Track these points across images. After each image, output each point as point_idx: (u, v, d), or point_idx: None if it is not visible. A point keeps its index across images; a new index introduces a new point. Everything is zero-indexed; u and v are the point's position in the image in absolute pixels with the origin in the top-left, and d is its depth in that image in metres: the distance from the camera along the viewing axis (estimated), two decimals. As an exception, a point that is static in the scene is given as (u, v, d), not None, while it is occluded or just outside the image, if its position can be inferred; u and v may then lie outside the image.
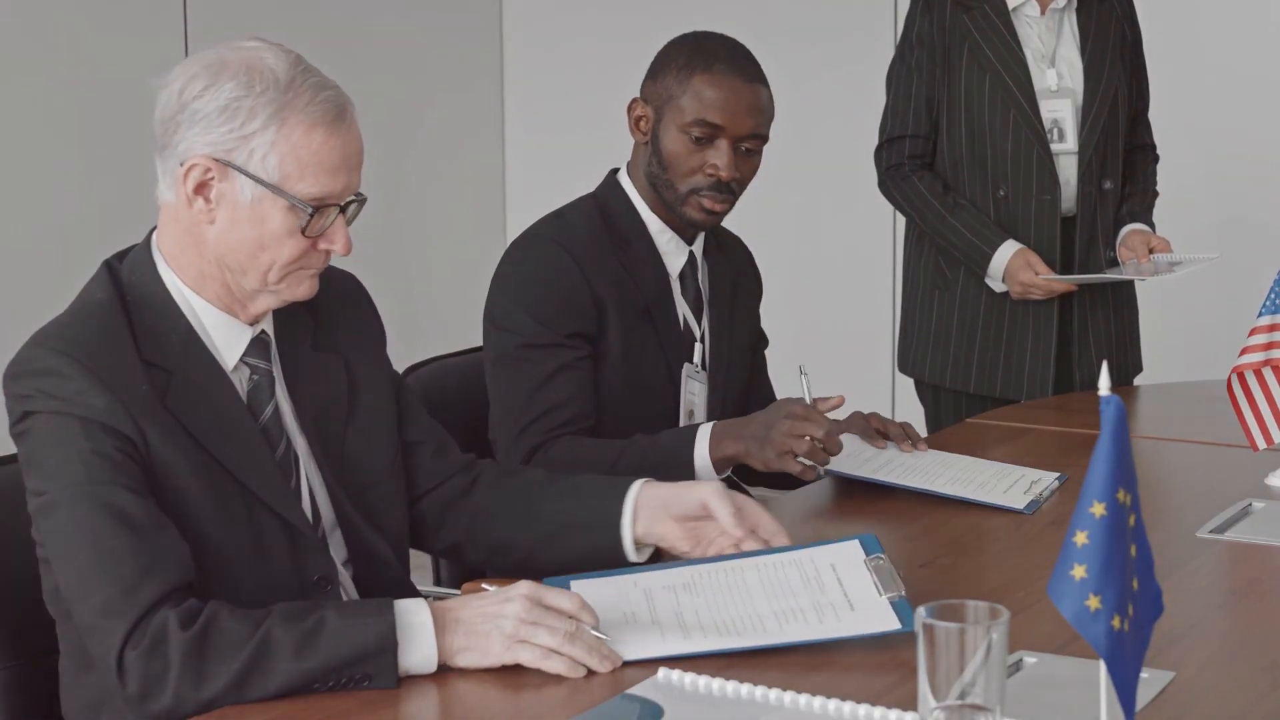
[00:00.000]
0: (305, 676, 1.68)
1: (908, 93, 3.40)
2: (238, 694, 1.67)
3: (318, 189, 1.82)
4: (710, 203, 2.51)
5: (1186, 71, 4.61)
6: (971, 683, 1.44)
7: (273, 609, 1.72)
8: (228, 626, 1.69)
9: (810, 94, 5.28)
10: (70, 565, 1.74)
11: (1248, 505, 2.39)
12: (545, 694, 1.71)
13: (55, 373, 1.77)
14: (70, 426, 1.75)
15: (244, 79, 1.80)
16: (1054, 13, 3.38)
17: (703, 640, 1.78)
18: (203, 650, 1.67)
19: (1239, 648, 1.86)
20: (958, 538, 2.28)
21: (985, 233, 3.32)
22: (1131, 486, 1.36)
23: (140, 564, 1.71)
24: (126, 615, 1.69)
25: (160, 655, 1.67)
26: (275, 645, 1.67)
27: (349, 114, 1.85)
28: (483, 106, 5.73)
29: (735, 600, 1.89)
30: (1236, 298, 4.36)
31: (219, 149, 1.80)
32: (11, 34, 4.33)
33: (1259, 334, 2.51)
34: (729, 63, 2.50)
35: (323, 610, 1.71)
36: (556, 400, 2.46)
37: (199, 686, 1.67)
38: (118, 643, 1.69)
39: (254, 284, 1.86)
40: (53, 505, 1.75)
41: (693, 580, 1.95)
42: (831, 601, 1.87)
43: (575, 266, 2.49)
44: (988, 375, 3.40)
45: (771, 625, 1.82)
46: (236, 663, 1.67)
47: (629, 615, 1.86)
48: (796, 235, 5.25)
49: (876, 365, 5.15)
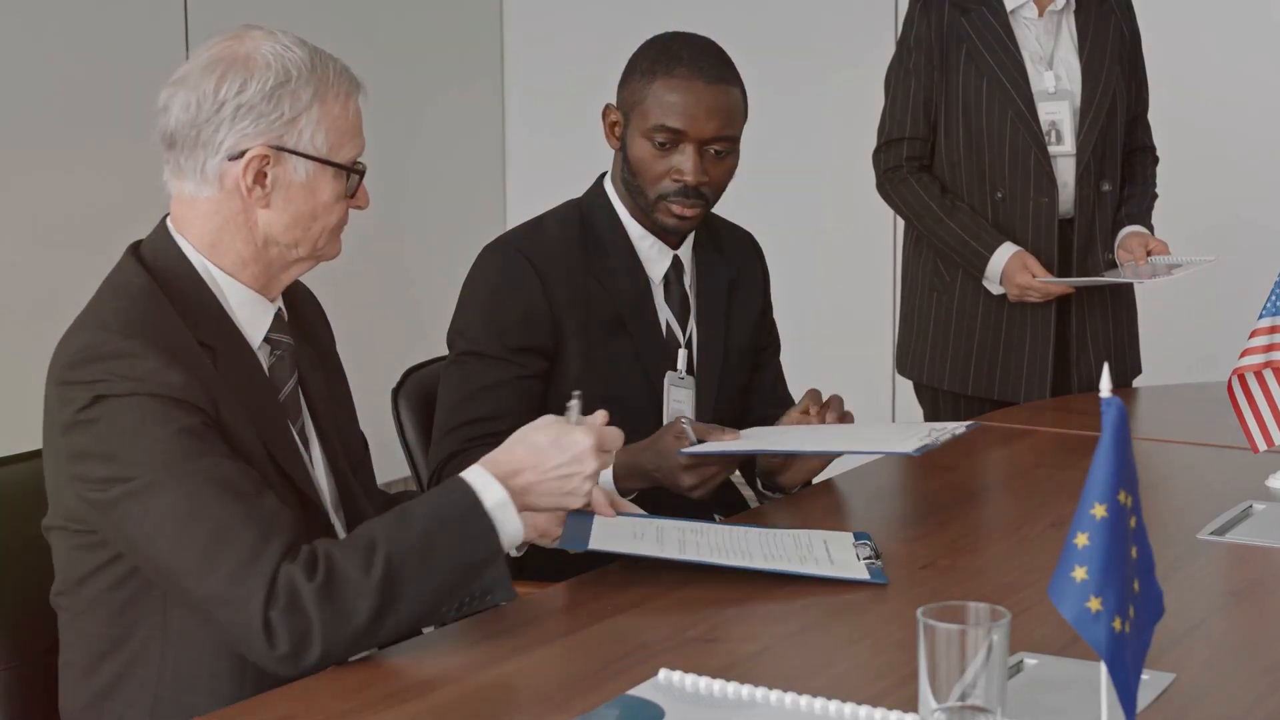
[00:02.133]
0: (434, 598, 1.79)
1: (906, 95, 3.41)
2: (377, 630, 1.76)
3: (354, 150, 1.95)
4: (680, 208, 2.49)
5: (1186, 72, 4.61)
6: (972, 684, 1.44)
7: (373, 534, 1.78)
8: (345, 566, 1.75)
9: (810, 95, 5.29)
10: (186, 542, 1.75)
11: (1248, 507, 2.38)
12: (545, 694, 1.71)
13: (128, 354, 1.78)
14: (151, 408, 1.77)
15: (277, 68, 1.88)
16: (1052, 15, 3.38)
17: (695, 554, 2.05)
18: (332, 594, 1.73)
19: (1240, 649, 1.86)
20: (958, 539, 2.28)
21: (983, 235, 3.32)
22: (1132, 488, 1.36)
23: (258, 529, 1.75)
24: (259, 579, 1.73)
25: (299, 611, 1.72)
26: (397, 571, 1.75)
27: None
28: (483, 106, 5.74)
29: (733, 541, 2.13)
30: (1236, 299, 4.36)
31: (270, 136, 1.88)
32: (11, 34, 4.33)
33: (1259, 336, 2.51)
34: (691, 64, 2.46)
35: (420, 523, 1.79)
36: (485, 412, 2.45)
37: (342, 631, 1.73)
38: (259, 608, 1.72)
39: (304, 252, 1.95)
40: (151, 487, 1.76)
41: (701, 528, 2.18)
42: (816, 557, 2.10)
43: (536, 279, 2.47)
44: (986, 377, 3.40)
45: (759, 559, 2.07)
46: (369, 598, 1.74)
47: (637, 532, 2.10)
48: (797, 237, 5.24)
49: (876, 367, 5.16)
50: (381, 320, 4.98)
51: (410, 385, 2.72)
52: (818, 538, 2.19)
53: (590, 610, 1.98)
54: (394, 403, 2.72)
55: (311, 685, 1.73)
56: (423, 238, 5.39)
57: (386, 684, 1.72)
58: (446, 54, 5.57)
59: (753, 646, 1.83)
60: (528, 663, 1.81)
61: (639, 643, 1.85)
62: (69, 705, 1.91)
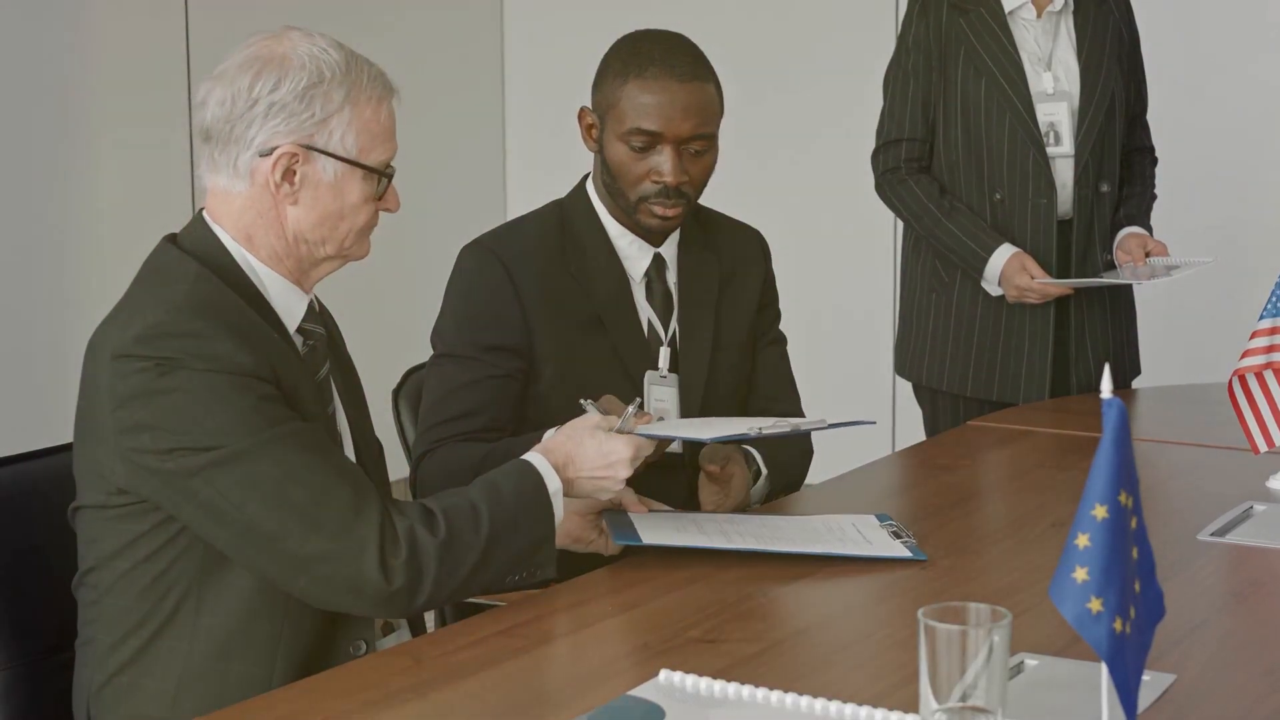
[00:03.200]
0: (507, 567, 1.94)
1: (904, 96, 3.40)
2: (470, 584, 1.91)
3: (385, 154, 1.98)
4: (661, 209, 2.47)
5: (1185, 72, 4.61)
6: (973, 685, 1.44)
7: (474, 499, 1.93)
8: (459, 524, 1.89)
9: (811, 96, 5.29)
10: (282, 505, 1.81)
11: (1249, 508, 2.39)
12: (546, 694, 1.71)
13: (199, 335, 1.83)
14: (225, 384, 1.82)
15: (311, 69, 1.92)
16: (1050, 16, 3.38)
17: (741, 542, 2.16)
18: (450, 549, 1.87)
19: (1240, 650, 1.86)
20: (958, 539, 2.28)
21: (981, 236, 3.32)
22: (1133, 489, 1.36)
23: (351, 486, 1.85)
24: (368, 529, 1.82)
25: (418, 560, 1.84)
26: (495, 536, 1.91)
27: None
28: (483, 106, 5.74)
29: (770, 529, 2.26)
30: (1236, 300, 4.37)
31: (301, 134, 1.92)
32: (12, 34, 4.33)
33: (1260, 337, 2.51)
34: (663, 64, 2.44)
35: (507, 496, 1.95)
36: (461, 410, 2.46)
37: (448, 583, 1.87)
38: (374, 555, 1.82)
39: (331, 251, 1.99)
40: (238, 456, 1.81)
41: (735, 519, 2.31)
42: (852, 539, 2.22)
43: (508, 280, 2.47)
44: (985, 378, 3.39)
45: (800, 541, 2.19)
46: (473, 553, 1.89)
47: (679, 526, 2.22)
48: (797, 237, 5.23)
49: (876, 368, 5.15)
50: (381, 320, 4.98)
51: (410, 385, 2.72)
52: (845, 521, 2.30)
53: (590, 610, 1.98)
54: (394, 403, 2.72)
55: (312, 685, 1.74)
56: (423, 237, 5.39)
57: (386, 684, 1.72)
58: (446, 54, 5.57)
59: (753, 647, 1.83)
60: (528, 663, 1.81)
61: (639, 643, 1.85)
62: (85, 684, 1.92)
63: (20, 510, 2.01)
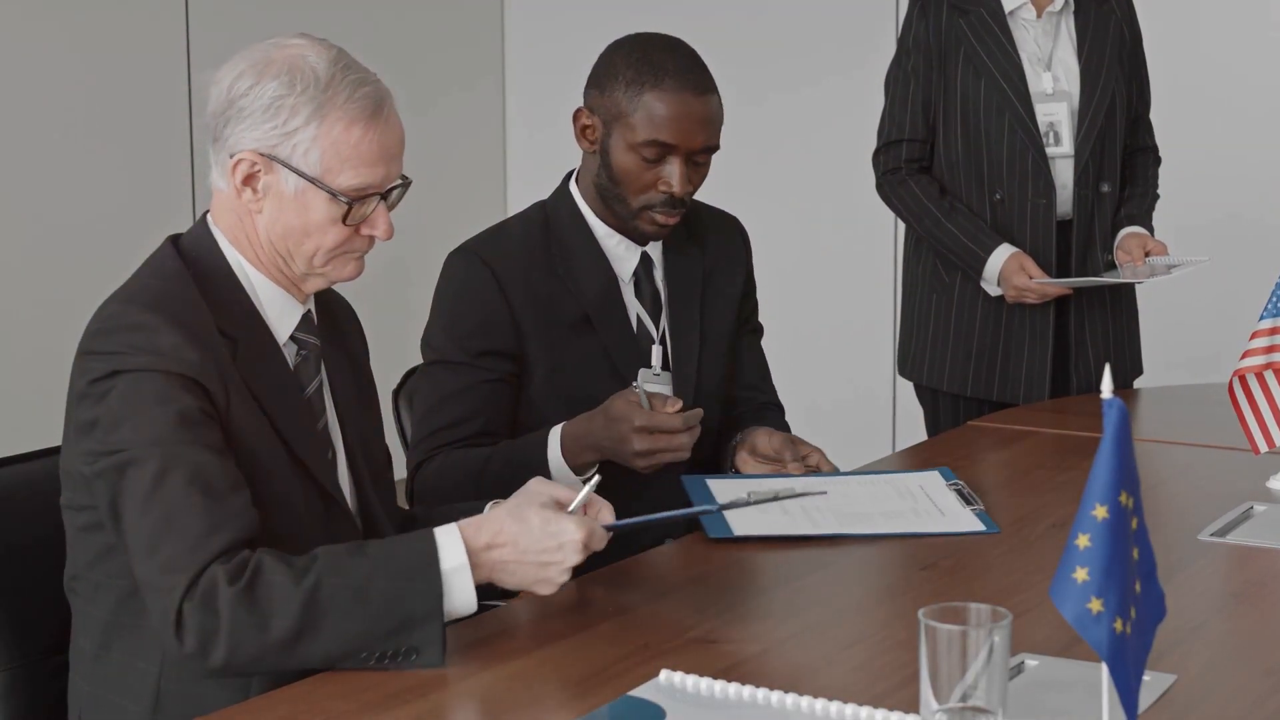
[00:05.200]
0: (357, 640, 1.73)
1: (905, 97, 3.40)
2: (289, 652, 1.72)
3: (357, 180, 1.90)
4: (664, 218, 2.47)
5: (1186, 72, 4.61)
6: (973, 685, 1.44)
7: (318, 557, 1.76)
8: (272, 578, 1.73)
9: (811, 97, 5.29)
10: (141, 521, 1.76)
11: (1249, 508, 2.38)
12: (546, 694, 1.71)
13: (147, 328, 1.81)
14: (159, 384, 1.79)
15: (286, 78, 1.87)
16: (1050, 16, 3.38)
17: (827, 526, 2.25)
18: (250, 602, 1.71)
19: (1241, 651, 1.86)
20: (959, 539, 2.27)
21: (980, 236, 3.32)
22: (1134, 489, 1.36)
23: (206, 523, 1.75)
24: (187, 571, 1.73)
25: (211, 610, 1.71)
26: (325, 600, 1.72)
27: (387, 107, 1.94)
28: (483, 106, 5.74)
29: (846, 500, 2.35)
30: (1236, 300, 4.36)
31: (264, 144, 1.88)
32: (12, 34, 4.33)
33: (1260, 337, 2.51)
34: (679, 76, 2.43)
35: (368, 562, 1.76)
36: (454, 417, 2.45)
37: (251, 640, 1.71)
38: (177, 598, 1.72)
39: (302, 268, 1.94)
40: (131, 462, 1.77)
41: (810, 483, 2.36)
42: (926, 509, 2.34)
43: (495, 284, 2.46)
44: (985, 378, 3.39)
45: (880, 522, 2.29)
46: (287, 618, 1.71)
47: (761, 507, 2.25)
48: (797, 238, 5.25)
49: (877, 369, 5.15)
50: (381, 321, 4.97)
51: (411, 386, 2.73)
52: (914, 482, 2.44)
53: (591, 610, 1.97)
54: (394, 403, 2.72)
55: (312, 685, 1.73)
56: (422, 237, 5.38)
57: (386, 684, 1.72)
58: (446, 54, 5.57)
59: (754, 647, 1.83)
60: (528, 663, 1.80)
61: (640, 643, 1.85)
62: (77, 692, 1.92)
63: (19, 510, 2.01)
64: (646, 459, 2.29)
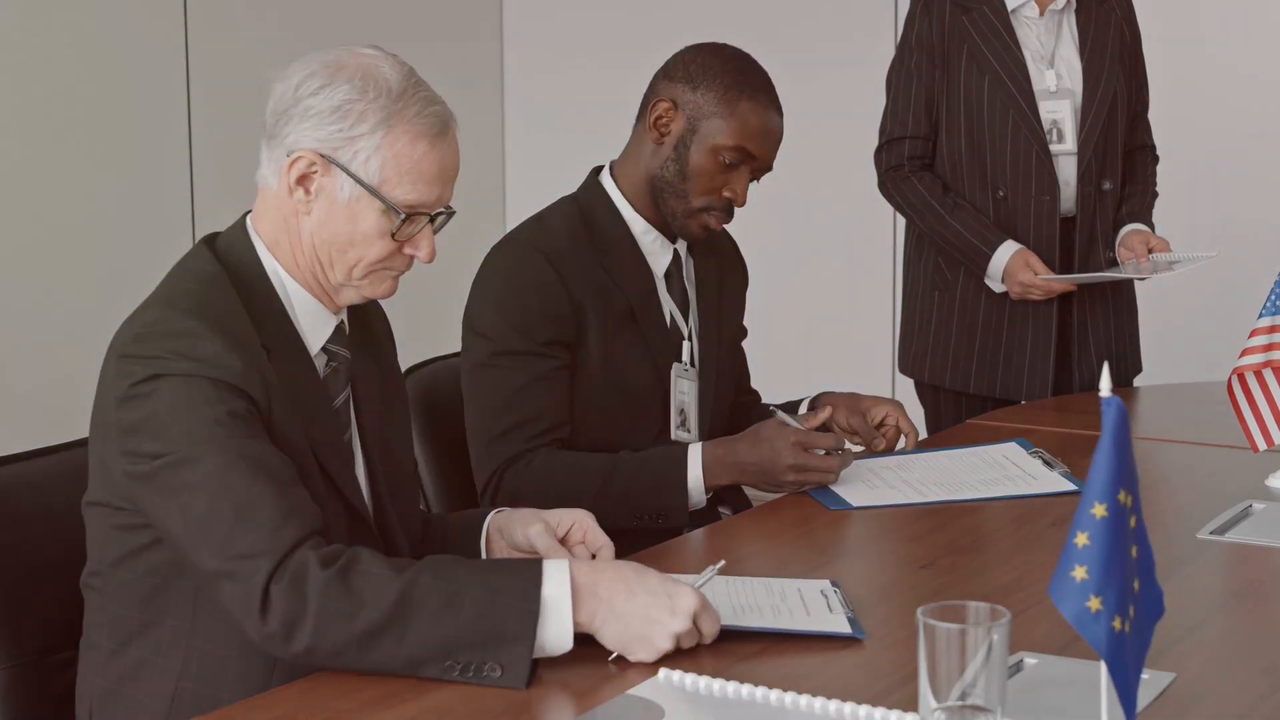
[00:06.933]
0: (441, 646, 1.70)
1: (907, 94, 3.41)
2: (372, 646, 1.70)
3: (414, 196, 1.90)
4: (716, 223, 2.55)
5: (1186, 71, 4.61)
6: (972, 684, 1.44)
7: (422, 560, 1.76)
8: (370, 568, 1.73)
9: (811, 95, 5.27)
10: (208, 514, 1.75)
11: (1248, 507, 2.39)
12: (547, 694, 1.71)
13: (190, 334, 1.80)
14: (204, 389, 1.78)
15: (359, 83, 1.87)
16: (1053, 14, 3.38)
17: (933, 494, 2.44)
18: (342, 591, 1.71)
19: (1240, 649, 1.86)
20: (959, 539, 2.28)
21: (984, 233, 3.32)
22: (1132, 488, 1.36)
23: (282, 509, 1.75)
24: (271, 554, 1.73)
25: (300, 593, 1.71)
26: (419, 598, 1.71)
27: (452, 130, 1.94)
28: (483, 107, 5.73)
29: (945, 472, 2.56)
30: (1236, 299, 4.36)
31: (326, 145, 1.88)
32: (12, 34, 4.33)
33: (1259, 335, 2.51)
34: (768, 94, 2.52)
35: (469, 571, 1.75)
36: (533, 410, 2.46)
37: (336, 629, 1.70)
38: (262, 580, 1.71)
39: (340, 278, 1.93)
40: (187, 460, 1.76)
41: (904, 461, 2.63)
42: (1016, 475, 2.53)
43: (554, 273, 2.48)
44: (987, 376, 3.39)
45: (981, 489, 2.46)
46: (377, 610, 1.70)
47: (872, 485, 2.48)
48: (797, 236, 5.25)
49: (877, 366, 5.15)
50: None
51: (410, 385, 2.72)
52: (997, 453, 2.62)
53: (590, 610, 1.97)
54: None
55: (312, 685, 1.74)
56: (423, 238, 5.39)
57: (387, 684, 1.72)
58: (446, 54, 5.57)
59: (753, 646, 1.83)
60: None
61: (639, 642, 1.85)
62: (88, 688, 1.91)
63: (22, 508, 2.01)
64: (799, 474, 2.41)
